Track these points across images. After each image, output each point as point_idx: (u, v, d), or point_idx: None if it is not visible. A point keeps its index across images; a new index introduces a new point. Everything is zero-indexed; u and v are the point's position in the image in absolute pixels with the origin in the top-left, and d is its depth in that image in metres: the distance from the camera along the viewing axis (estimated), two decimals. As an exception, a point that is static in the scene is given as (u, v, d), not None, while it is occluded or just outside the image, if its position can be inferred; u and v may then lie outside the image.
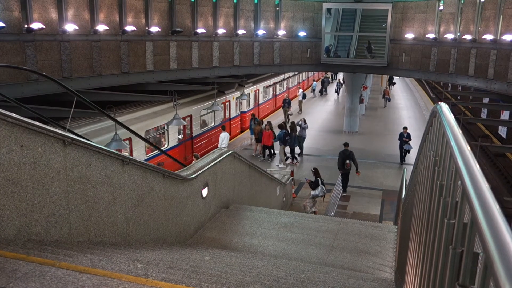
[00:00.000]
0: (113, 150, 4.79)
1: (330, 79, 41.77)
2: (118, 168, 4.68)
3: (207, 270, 3.89)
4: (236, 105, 22.23)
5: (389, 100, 33.88)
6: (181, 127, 16.44)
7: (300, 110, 29.13)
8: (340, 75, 45.27)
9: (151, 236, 5.54)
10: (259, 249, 6.55)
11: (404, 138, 18.11)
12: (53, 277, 2.78)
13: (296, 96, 31.92)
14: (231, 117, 21.79)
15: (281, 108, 27.74)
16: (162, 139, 15.61)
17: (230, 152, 8.61)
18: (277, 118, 25.94)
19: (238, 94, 21.51)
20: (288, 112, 25.55)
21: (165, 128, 15.14)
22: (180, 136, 16.67)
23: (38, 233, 3.73)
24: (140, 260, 3.76)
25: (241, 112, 23.11)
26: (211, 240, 6.82)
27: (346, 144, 15.69)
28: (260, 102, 26.35)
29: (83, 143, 4.14)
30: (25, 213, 3.61)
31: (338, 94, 37.45)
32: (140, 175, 5.17)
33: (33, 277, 2.76)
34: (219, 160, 7.87)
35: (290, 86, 32.85)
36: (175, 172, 6.48)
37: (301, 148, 18.91)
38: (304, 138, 18.99)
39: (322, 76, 41.87)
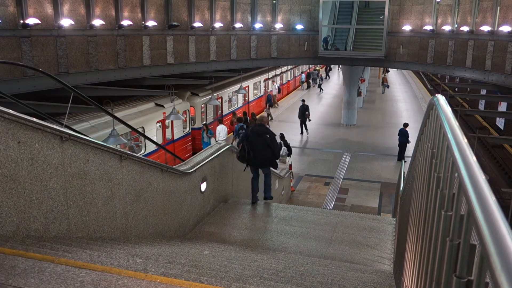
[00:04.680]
0: (110, 145, 4.78)
1: (318, 72, 40.91)
2: (116, 163, 4.67)
3: (206, 264, 3.90)
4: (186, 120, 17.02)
5: (388, 87, 36.70)
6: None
7: (276, 104, 28.46)
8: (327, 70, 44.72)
9: (150, 231, 5.55)
10: (258, 242, 6.57)
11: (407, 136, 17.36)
12: (52, 273, 2.79)
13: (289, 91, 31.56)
14: (176, 138, 16.46)
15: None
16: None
17: (228, 146, 8.61)
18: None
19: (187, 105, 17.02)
20: (267, 111, 24.88)
21: None
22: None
23: (37, 229, 3.73)
24: (139, 255, 3.77)
25: (193, 129, 17.85)
26: (210, 234, 6.84)
27: (303, 100, 22.96)
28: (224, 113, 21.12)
29: (80, 139, 4.13)
30: (23, 210, 3.61)
31: (321, 89, 36.20)
32: (138, 170, 5.16)
33: (32, 273, 2.76)
34: (217, 155, 7.87)
35: (259, 94, 26.30)
36: (173, 166, 6.48)
37: None
38: None
39: (310, 70, 40.14)
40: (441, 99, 2.42)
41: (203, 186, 7.28)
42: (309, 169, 16.57)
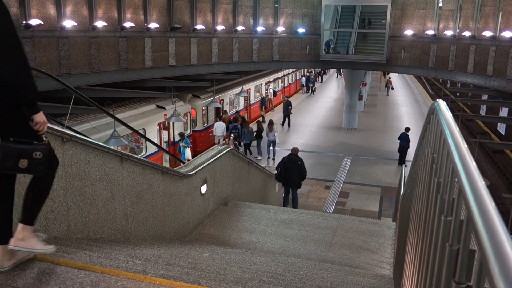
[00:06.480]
0: (111, 147, 4.79)
1: (315, 75, 40.85)
2: (116, 165, 4.68)
3: (205, 267, 3.90)
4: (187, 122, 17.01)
5: (392, 89, 38.55)
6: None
7: (273, 109, 28.20)
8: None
9: (149, 233, 5.55)
10: (258, 245, 6.56)
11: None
12: (52, 274, 2.79)
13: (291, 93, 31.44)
14: (176, 141, 16.34)
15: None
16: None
17: (229, 148, 8.61)
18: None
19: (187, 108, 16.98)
20: (261, 113, 25.03)
21: None
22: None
23: (37, 230, 3.73)
24: (138, 256, 3.77)
25: (194, 131, 18.11)
26: (210, 237, 6.83)
27: (287, 97, 26.12)
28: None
29: (81, 140, 4.13)
30: (23, 210, 3.60)
31: (313, 92, 36.17)
32: (139, 171, 5.17)
33: (32, 274, 2.76)
34: (218, 157, 7.87)
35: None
36: (174, 168, 6.49)
37: (273, 152, 18.21)
38: (273, 142, 18.03)
39: (308, 73, 39.82)
40: (442, 104, 2.42)
41: (204, 189, 7.28)
42: (310, 173, 16.46)
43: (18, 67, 2.45)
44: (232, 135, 17.72)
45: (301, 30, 18.38)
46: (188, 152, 15.36)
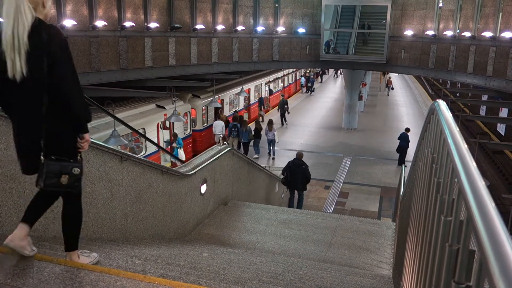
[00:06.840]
0: (111, 146, 4.79)
1: (314, 75, 41.35)
2: (116, 164, 4.67)
3: (205, 267, 3.90)
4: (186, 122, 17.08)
5: (392, 89, 38.97)
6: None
7: (270, 108, 27.84)
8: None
9: (149, 233, 5.55)
10: (258, 245, 6.56)
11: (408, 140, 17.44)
12: (51, 273, 2.79)
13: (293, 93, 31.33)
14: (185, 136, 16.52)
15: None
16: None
17: (229, 148, 8.61)
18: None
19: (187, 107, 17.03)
20: (260, 113, 24.90)
21: None
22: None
23: (36, 229, 3.73)
24: (138, 256, 3.77)
25: (193, 131, 18.12)
26: (209, 237, 6.83)
27: (283, 96, 26.19)
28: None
29: (81, 139, 4.13)
30: (23, 209, 3.59)
31: (312, 91, 36.57)
32: (139, 171, 5.16)
33: (31, 273, 2.76)
34: (218, 157, 7.87)
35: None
36: (174, 168, 6.49)
37: (273, 151, 18.42)
38: (272, 141, 18.14)
39: (307, 73, 39.79)
40: (442, 104, 2.42)
41: (203, 188, 7.28)
42: (310, 173, 16.55)
43: (76, 88, 2.56)
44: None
45: (301, 30, 18.37)
46: (181, 153, 15.12)
